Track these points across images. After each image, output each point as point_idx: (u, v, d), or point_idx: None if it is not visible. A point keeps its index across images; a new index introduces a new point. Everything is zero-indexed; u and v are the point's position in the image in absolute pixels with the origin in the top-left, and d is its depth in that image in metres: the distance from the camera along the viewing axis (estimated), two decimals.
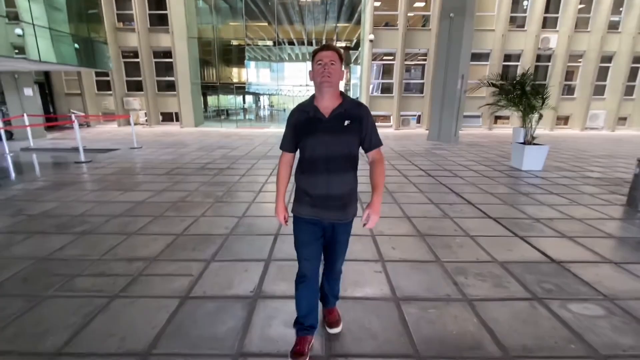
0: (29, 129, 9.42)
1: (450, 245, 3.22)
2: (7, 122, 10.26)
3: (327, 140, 1.58)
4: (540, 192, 5.12)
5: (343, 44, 18.46)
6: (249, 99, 24.51)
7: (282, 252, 2.98)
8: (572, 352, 1.86)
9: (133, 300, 2.30)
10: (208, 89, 18.11)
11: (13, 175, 6.04)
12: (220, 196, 4.77)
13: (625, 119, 16.59)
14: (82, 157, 7.27)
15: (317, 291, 1.86)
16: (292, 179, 1.78)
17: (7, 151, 7.64)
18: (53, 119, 13.74)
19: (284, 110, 24.97)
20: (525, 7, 15.24)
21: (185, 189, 5.11)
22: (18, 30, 8.41)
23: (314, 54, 1.57)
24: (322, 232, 1.73)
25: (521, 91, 6.46)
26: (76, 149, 8.72)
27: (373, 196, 1.65)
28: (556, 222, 3.87)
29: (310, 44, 16.83)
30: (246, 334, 1.97)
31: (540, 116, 6.67)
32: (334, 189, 1.63)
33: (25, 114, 9.54)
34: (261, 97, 25.77)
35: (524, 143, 6.81)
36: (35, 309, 2.20)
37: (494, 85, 7.00)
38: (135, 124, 15.13)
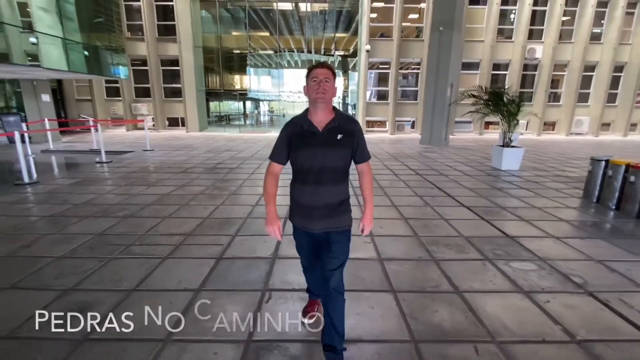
0: (49, 132, 10.13)
1: (427, 225, 3.96)
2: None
3: (320, 153, 1.64)
4: (511, 188, 5.88)
5: (341, 53, 19.39)
6: (251, 105, 25.29)
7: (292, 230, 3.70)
8: (506, 289, 2.59)
9: (180, 260, 3.02)
10: (211, 95, 18.93)
11: (49, 173, 6.75)
12: (234, 190, 5.50)
13: (609, 124, 17.47)
14: (104, 158, 7.97)
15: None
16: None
17: (30, 153, 8.36)
18: (66, 124, 14.45)
19: (284, 115, 25.78)
20: (512, 20, 16.18)
21: (203, 184, 5.83)
22: (54, 46, 9.15)
23: (309, 71, 1.65)
24: (316, 242, 1.82)
25: (497, 101, 7.24)
26: (93, 151, 9.46)
27: (366, 207, 1.81)
28: (519, 209, 4.62)
29: (309, 52, 17.70)
30: (269, 278, 2.70)
31: (517, 122, 7.42)
32: (324, 199, 1.69)
33: (45, 119, 10.25)
34: (262, 103, 26.56)
35: (502, 146, 7.58)
36: (106, 265, 2.91)
37: (473, 96, 7.80)
38: (141, 129, 15.89)
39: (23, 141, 10.46)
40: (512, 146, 7.55)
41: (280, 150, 1.73)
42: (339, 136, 1.66)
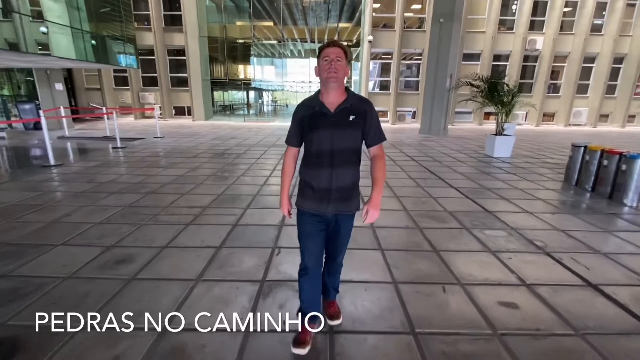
0: (64, 120, 10.63)
1: (417, 202, 4.44)
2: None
3: (332, 134, 1.61)
4: (499, 172, 6.33)
5: (344, 43, 19.60)
6: (255, 94, 25.65)
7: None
8: (476, 249, 3.08)
9: (201, 225, 3.53)
10: (216, 85, 19.30)
11: (71, 157, 7.27)
12: (243, 172, 5.99)
13: (607, 116, 17.73)
14: (119, 144, 8.47)
15: (320, 283, 1.88)
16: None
17: (47, 138, 8.89)
18: (78, 112, 14.94)
19: (287, 106, 26.15)
20: (513, 11, 16.34)
21: (214, 167, 6.33)
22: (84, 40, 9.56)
23: (320, 50, 1.60)
24: (325, 225, 1.76)
25: (492, 91, 7.63)
26: (106, 138, 9.97)
27: (373, 192, 1.67)
28: (502, 190, 5.09)
29: (313, 41, 17.96)
30: (278, 239, 3.20)
31: (509, 111, 7.81)
32: (338, 182, 1.66)
33: (61, 107, 10.74)
34: (266, 93, 26.90)
35: (495, 134, 8.00)
36: (139, 229, 3.43)
37: (471, 84, 8.18)
38: (150, 117, 16.37)
39: (38, 128, 10.99)
40: (505, 135, 7.96)
41: (293, 134, 1.75)
42: (352, 117, 1.63)
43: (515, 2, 16.16)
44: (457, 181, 5.59)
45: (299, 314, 1.89)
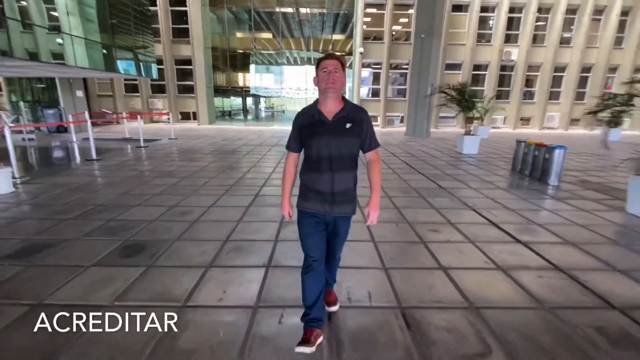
0: (88, 123, 11.90)
1: (390, 183, 5.83)
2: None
3: (330, 141, 1.70)
4: (462, 164, 7.77)
5: (338, 53, 21.13)
6: (252, 101, 27.05)
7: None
8: (424, 207, 4.47)
9: (231, 196, 4.89)
10: (218, 92, 20.69)
11: (106, 154, 8.57)
12: (253, 165, 7.35)
13: (578, 120, 19.41)
14: (142, 143, 9.79)
15: (323, 282, 1.91)
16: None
17: (74, 139, 10.23)
18: (96, 116, 16.19)
19: (283, 111, 27.64)
20: (490, 26, 18.02)
21: (229, 161, 7.68)
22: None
23: (318, 62, 1.70)
24: (324, 225, 1.86)
25: (461, 96, 9.12)
26: (125, 139, 11.27)
27: (372, 194, 1.82)
28: (459, 175, 6.51)
29: (308, 50, 19.49)
30: None
31: (473, 116, 9.28)
32: (336, 186, 1.76)
33: (86, 112, 12.01)
34: (266, 99, 28.35)
35: (464, 134, 9.46)
36: (187, 198, 4.76)
37: (444, 92, 9.66)
38: (158, 122, 17.69)
39: (60, 130, 12.25)
40: (472, 135, 9.43)
41: (293, 140, 1.85)
42: (348, 125, 1.73)
43: (492, 18, 17.85)
44: (426, 170, 7.01)
45: (303, 318, 1.90)
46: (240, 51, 20.20)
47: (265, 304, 2.32)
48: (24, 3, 8.72)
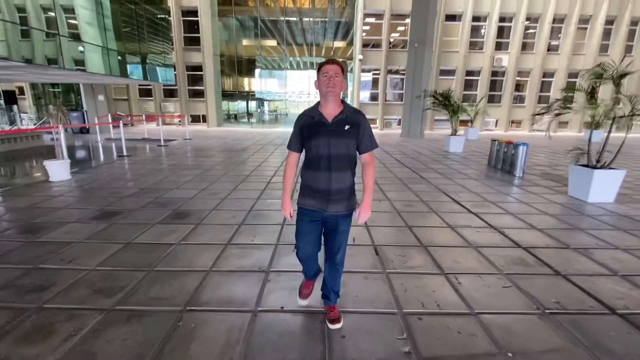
0: (110, 125, 13.12)
1: (381, 173, 6.93)
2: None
3: (329, 142, 1.82)
4: (446, 160, 8.86)
5: (339, 59, 22.32)
6: (261, 104, 28.30)
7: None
8: (405, 190, 5.56)
9: (249, 182, 6.01)
10: (226, 96, 21.92)
11: (133, 151, 9.73)
12: (264, 160, 8.48)
13: (567, 123, 20.46)
14: (162, 142, 10.94)
15: (315, 264, 2.23)
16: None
17: (99, 139, 11.40)
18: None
19: (286, 114, 28.86)
20: (482, 34, 19.16)
21: (243, 157, 8.81)
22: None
23: (320, 67, 1.80)
24: (321, 223, 1.99)
25: (447, 101, 10.22)
26: (144, 139, 12.43)
27: (364, 196, 1.92)
28: (440, 169, 7.60)
29: (311, 55, 20.70)
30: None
31: (458, 117, 10.36)
32: (335, 185, 1.87)
33: (109, 114, 13.23)
34: (271, 103, 29.59)
35: (451, 135, 10.55)
36: (213, 184, 5.87)
37: (433, 96, 10.77)
38: (170, 124, 18.89)
39: (83, 132, 13.43)
40: (458, 135, 10.52)
41: (294, 141, 1.95)
42: (347, 127, 1.83)
43: (484, 27, 18.99)
44: (415, 166, 8.10)
45: (303, 275, 2.33)
46: (246, 57, 21.45)
47: (282, 242, 3.44)
48: (75, 22, 9.88)
